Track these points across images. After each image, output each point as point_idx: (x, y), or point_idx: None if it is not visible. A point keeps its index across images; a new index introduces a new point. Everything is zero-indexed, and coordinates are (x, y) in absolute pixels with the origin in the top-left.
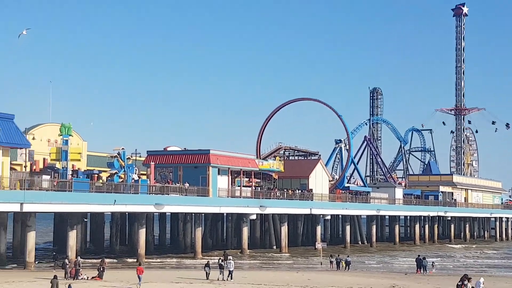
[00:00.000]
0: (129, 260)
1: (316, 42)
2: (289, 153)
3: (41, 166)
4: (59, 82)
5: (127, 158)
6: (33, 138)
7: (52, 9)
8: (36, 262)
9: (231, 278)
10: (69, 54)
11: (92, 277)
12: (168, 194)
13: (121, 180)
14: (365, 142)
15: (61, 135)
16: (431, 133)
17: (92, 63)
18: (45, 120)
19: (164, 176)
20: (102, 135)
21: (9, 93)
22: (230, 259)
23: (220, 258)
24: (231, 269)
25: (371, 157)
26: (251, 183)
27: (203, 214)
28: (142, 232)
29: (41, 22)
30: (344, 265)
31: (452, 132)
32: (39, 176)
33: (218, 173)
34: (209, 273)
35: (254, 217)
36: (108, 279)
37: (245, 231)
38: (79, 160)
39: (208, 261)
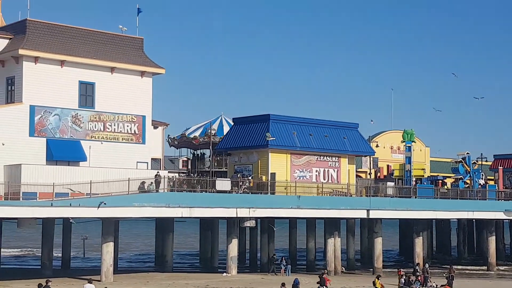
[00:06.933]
0: (478, 268)
1: None
2: None
3: (385, 173)
4: (399, 89)
5: (472, 163)
6: (377, 146)
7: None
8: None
9: None
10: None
11: (442, 285)
12: None
13: (467, 185)
14: None
15: (404, 141)
16: None
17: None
18: (388, 127)
19: None
20: (445, 140)
21: (353, 103)
22: None
23: None
24: None
25: None
26: None
27: None
28: (492, 240)
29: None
30: None
31: None
32: (384, 183)
33: None
34: None
35: None
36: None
37: None
38: (423, 175)
39: None
